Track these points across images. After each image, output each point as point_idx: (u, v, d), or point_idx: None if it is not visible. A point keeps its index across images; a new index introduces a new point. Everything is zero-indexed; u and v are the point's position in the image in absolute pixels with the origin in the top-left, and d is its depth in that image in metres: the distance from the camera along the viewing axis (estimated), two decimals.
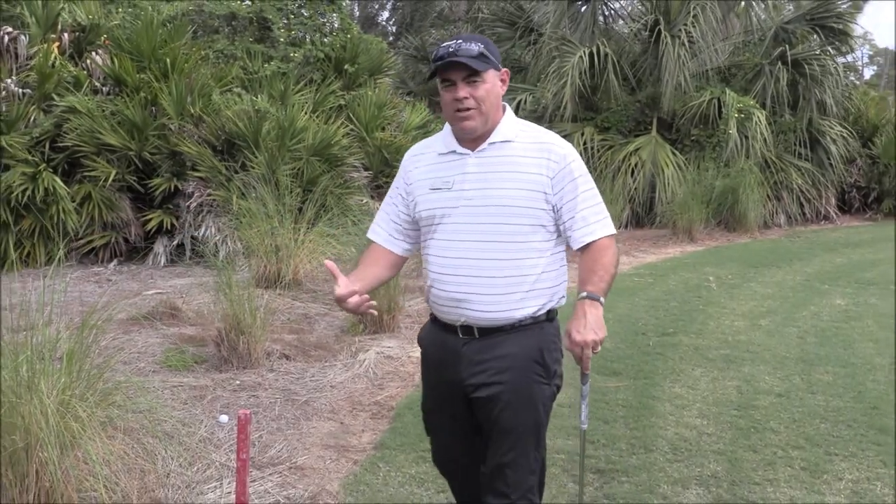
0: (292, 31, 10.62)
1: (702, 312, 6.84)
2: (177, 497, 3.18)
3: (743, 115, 12.54)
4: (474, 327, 2.32)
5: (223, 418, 4.02)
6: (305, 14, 10.88)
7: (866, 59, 37.29)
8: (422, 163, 2.42)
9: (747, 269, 9.13)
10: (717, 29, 13.31)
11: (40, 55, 8.14)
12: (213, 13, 10.37)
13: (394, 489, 3.39)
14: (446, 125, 2.39)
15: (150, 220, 8.17)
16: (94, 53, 8.58)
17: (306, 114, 9.00)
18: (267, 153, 8.08)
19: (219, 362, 4.85)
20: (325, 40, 10.75)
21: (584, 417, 2.31)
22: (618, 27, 15.36)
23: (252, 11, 10.59)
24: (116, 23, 9.03)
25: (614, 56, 12.85)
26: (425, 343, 2.51)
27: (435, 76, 2.27)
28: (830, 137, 13.90)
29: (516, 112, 3.63)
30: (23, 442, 2.77)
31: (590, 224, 2.29)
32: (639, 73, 13.61)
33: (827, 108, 13.73)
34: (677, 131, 13.43)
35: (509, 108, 2.38)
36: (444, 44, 2.27)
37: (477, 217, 2.28)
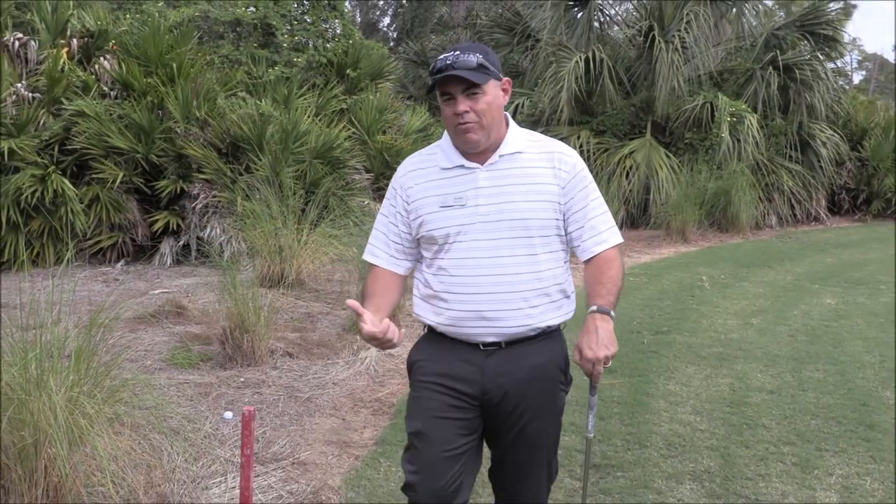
0: (295, 37, 10.70)
1: (695, 311, 6.88)
2: (182, 492, 3.18)
3: (735, 119, 12.58)
4: (501, 342, 2.22)
5: (228, 415, 4.02)
6: (308, 20, 10.96)
7: (855, 65, 37.51)
8: (422, 179, 2.26)
9: (739, 269, 9.16)
10: (710, 35, 13.28)
11: (50, 60, 8.18)
12: (219, 19, 10.43)
13: (394, 484, 3.38)
14: (444, 137, 2.27)
15: (156, 221, 8.21)
16: (102, 58, 8.62)
17: (309, 117, 9.04)
18: (271, 156, 8.13)
19: (223, 360, 4.87)
20: (328, 46, 10.84)
21: (591, 427, 2.29)
22: (613, 33, 15.43)
23: (256, 17, 10.65)
24: (124, 29, 9.08)
25: (609, 61, 12.90)
26: (426, 360, 2.30)
27: (434, 89, 2.15)
28: (820, 140, 13.96)
29: (513, 116, 3.58)
30: (32, 438, 2.77)
31: (601, 233, 2.24)
32: (633, 77, 13.65)
33: (817, 112, 13.77)
34: (671, 134, 13.51)
35: (510, 116, 2.30)
36: (442, 55, 2.14)
37: (494, 233, 2.18)
